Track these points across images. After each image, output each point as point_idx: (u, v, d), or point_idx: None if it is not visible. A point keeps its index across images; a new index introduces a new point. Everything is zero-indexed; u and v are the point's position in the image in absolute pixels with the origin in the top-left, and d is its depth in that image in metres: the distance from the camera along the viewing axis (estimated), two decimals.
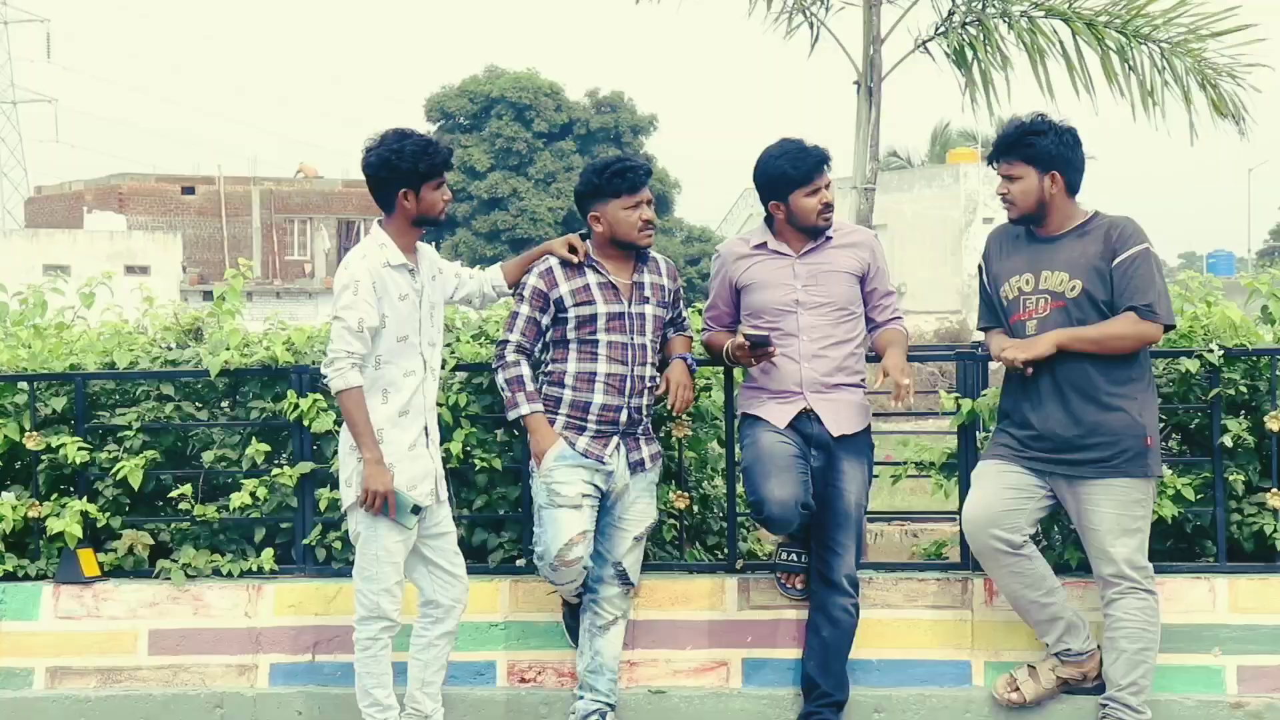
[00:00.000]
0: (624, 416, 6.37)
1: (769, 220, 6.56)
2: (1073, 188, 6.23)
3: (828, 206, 6.44)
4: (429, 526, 6.25)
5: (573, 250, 6.40)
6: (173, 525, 7.21)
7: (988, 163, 6.35)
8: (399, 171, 6.05)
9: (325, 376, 6.06)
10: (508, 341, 6.39)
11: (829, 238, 6.49)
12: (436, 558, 6.29)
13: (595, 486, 6.35)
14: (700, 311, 6.93)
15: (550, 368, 6.43)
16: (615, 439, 6.38)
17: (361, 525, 6.09)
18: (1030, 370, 6.12)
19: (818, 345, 6.39)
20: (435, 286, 6.29)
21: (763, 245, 6.52)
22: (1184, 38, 7.56)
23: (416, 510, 6.07)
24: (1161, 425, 6.32)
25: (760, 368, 6.42)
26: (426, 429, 6.19)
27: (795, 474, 6.26)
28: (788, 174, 6.40)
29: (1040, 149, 6.16)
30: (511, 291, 6.57)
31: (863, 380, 6.52)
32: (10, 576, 7.14)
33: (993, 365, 6.55)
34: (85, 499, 7.10)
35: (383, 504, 5.99)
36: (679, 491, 6.91)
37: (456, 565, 6.34)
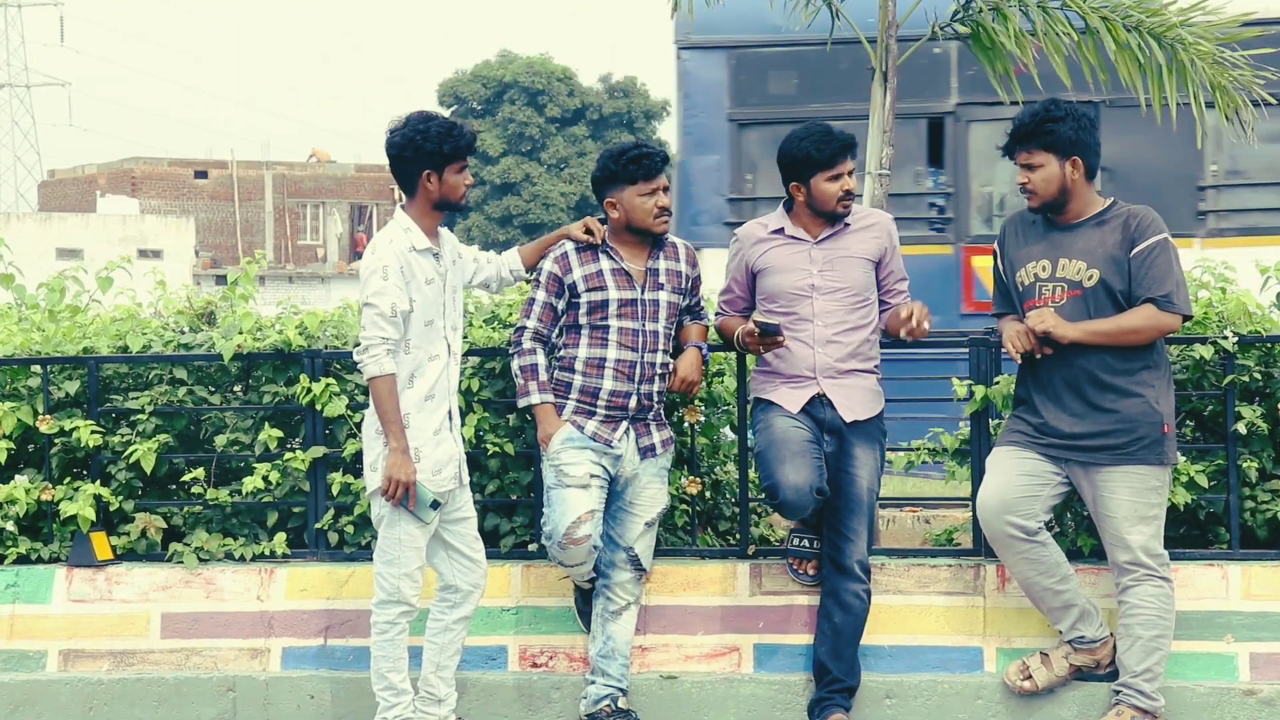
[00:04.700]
0: (634, 402, 6.37)
1: (788, 204, 6.55)
2: (1091, 172, 6.22)
3: (848, 194, 6.41)
4: (450, 511, 6.26)
5: (589, 232, 6.40)
6: (185, 509, 7.22)
7: (1004, 154, 6.31)
8: (423, 152, 6.05)
9: (359, 362, 6.06)
10: (525, 328, 6.40)
11: (846, 224, 6.47)
12: (456, 543, 6.29)
13: (604, 468, 6.35)
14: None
15: (562, 353, 6.43)
16: (625, 424, 6.38)
17: (384, 509, 6.09)
18: (1048, 350, 6.11)
19: (832, 331, 6.38)
20: (456, 270, 6.30)
21: (780, 230, 6.52)
22: (1198, 38, 7.53)
23: (436, 505, 6.08)
24: (1176, 412, 6.31)
25: (776, 352, 6.41)
26: (450, 413, 6.20)
27: (810, 459, 6.26)
28: (811, 156, 6.38)
29: (1060, 135, 6.13)
30: (528, 275, 6.57)
31: (876, 366, 6.51)
32: (23, 560, 7.16)
33: (1005, 355, 6.53)
34: (98, 482, 7.12)
35: (403, 494, 6.00)
36: (691, 477, 6.90)
37: (476, 550, 6.35)
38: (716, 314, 6.73)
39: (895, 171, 7.90)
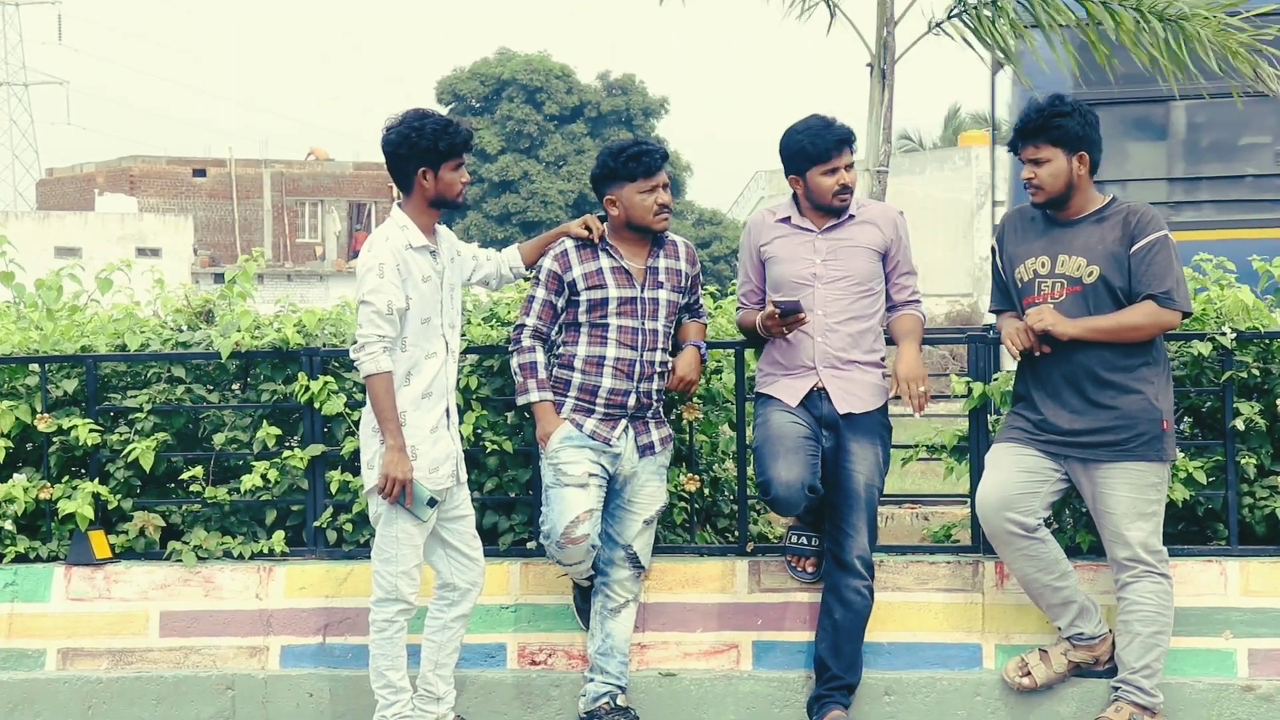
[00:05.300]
0: (632, 401, 6.37)
1: (796, 195, 6.54)
2: (1095, 168, 6.22)
3: (844, 188, 6.40)
4: (448, 509, 6.26)
5: (589, 229, 6.40)
6: (184, 507, 7.22)
7: (1010, 149, 6.29)
8: (418, 149, 6.05)
9: (355, 360, 6.06)
10: (524, 325, 6.40)
11: (852, 215, 6.47)
12: (454, 540, 6.29)
13: (602, 467, 6.35)
14: (714, 296, 6.91)
15: (561, 350, 6.43)
16: (623, 422, 6.38)
17: (382, 507, 6.09)
18: (1047, 348, 6.12)
19: (834, 320, 6.37)
20: (455, 268, 6.30)
21: (787, 219, 6.52)
22: (1199, 12, 7.55)
23: (433, 503, 6.08)
24: (1174, 408, 6.31)
25: (776, 345, 6.41)
26: (448, 411, 6.20)
27: (804, 456, 6.25)
28: (805, 150, 6.38)
29: (1068, 130, 6.13)
30: (528, 273, 6.57)
31: (881, 359, 6.49)
32: (22, 558, 7.16)
33: (1004, 350, 6.53)
34: (96, 481, 7.12)
35: (400, 492, 5.99)
36: (690, 474, 6.90)
37: (474, 548, 6.35)
38: (738, 309, 6.71)
39: (1258, 154, 7.87)
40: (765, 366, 6.54)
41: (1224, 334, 6.58)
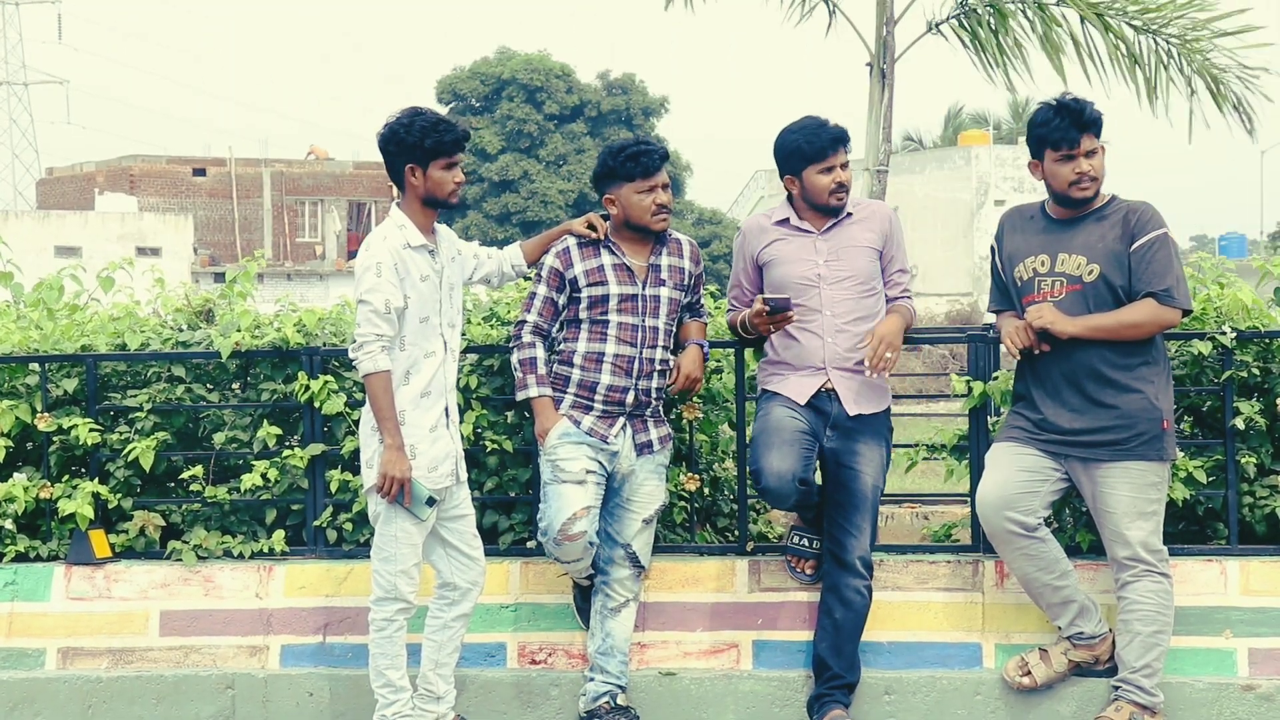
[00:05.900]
0: (631, 398, 6.37)
1: (791, 196, 6.54)
2: None
3: (840, 186, 6.40)
4: (448, 509, 6.25)
5: (592, 227, 6.40)
6: (184, 506, 7.22)
7: (1063, 144, 6.14)
8: (405, 146, 6.05)
9: (354, 360, 6.06)
10: (525, 322, 6.41)
11: (850, 214, 6.47)
12: (455, 540, 6.29)
13: (600, 464, 6.35)
14: (714, 295, 6.91)
15: (561, 347, 6.44)
16: (622, 420, 6.38)
17: (381, 506, 6.09)
18: (1046, 346, 6.11)
19: (842, 320, 6.37)
20: (454, 267, 6.29)
21: (785, 221, 6.52)
22: (1191, 35, 7.56)
23: (432, 502, 6.07)
24: (1174, 408, 6.31)
25: (785, 344, 6.41)
26: (447, 410, 6.20)
27: (798, 449, 6.26)
28: (801, 149, 6.39)
29: (1102, 121, 6.13)
30: (530, 271, 6.57)
31: None
32: (22, 558, 7.16)
33: (1003, 349, 6.53)
34: (96, 480, 7.12)
35: (398, 491, 5.99)
36: (690, 474, 6.90)
37: (474, 548, 6.35)
38: (727, 311, 6.72)
39: None
40: (769, 365, 6.54)
41: (1224, 333, 6.58)
